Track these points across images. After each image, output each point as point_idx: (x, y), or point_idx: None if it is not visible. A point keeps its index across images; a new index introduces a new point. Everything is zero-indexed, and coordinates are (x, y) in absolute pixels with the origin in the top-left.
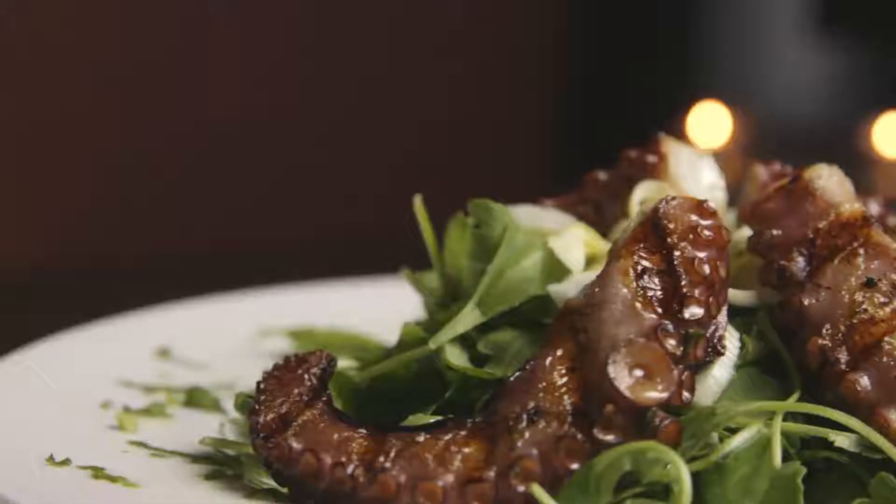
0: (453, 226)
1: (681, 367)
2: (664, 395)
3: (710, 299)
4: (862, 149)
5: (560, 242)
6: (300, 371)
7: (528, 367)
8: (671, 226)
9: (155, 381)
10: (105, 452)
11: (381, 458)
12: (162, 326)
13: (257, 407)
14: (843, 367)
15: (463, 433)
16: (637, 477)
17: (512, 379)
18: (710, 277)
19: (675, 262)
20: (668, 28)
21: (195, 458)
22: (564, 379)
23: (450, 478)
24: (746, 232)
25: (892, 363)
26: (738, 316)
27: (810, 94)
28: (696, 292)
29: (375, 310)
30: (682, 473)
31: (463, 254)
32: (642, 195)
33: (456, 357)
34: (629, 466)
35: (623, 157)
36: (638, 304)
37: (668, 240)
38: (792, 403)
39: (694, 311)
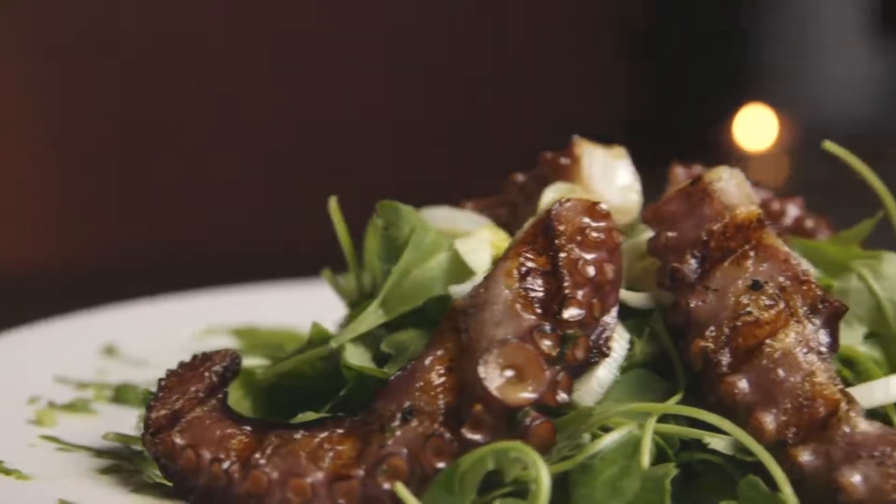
0: (370, 227)
1: (556, 367)
2: (534, 395)
3: (595, 301)
4: None
5: (466, 244)
6: (202, 369)
7: (408, 366)
8: (561, 227)
9: (91, 377)
10: (11, 446)
11: (258, 455)
12: (110, 325)
13: (152, 403)
14: (725, 369)
15: (339, 431)
16: (502, 477)
17: (392, 378)
18: (596, 279)
19: (560, 264)
20: (718, 32)
21: (100, 453)
22: (442, 379)
23: (319, 475)
24: (651, 234)
25: (771, 366)
26: (634, 317)
27: (860, 97)
28: (579, 294)
29: (326, 310)
30: (541, 473)
31: (375, 255)
32: (552, 197)
33: (356, 356)
34: (492, 466)
35: (540, 159)
36: (518, 306)
37: (556, 241)
38: (666, 405)
39: (573, 313)
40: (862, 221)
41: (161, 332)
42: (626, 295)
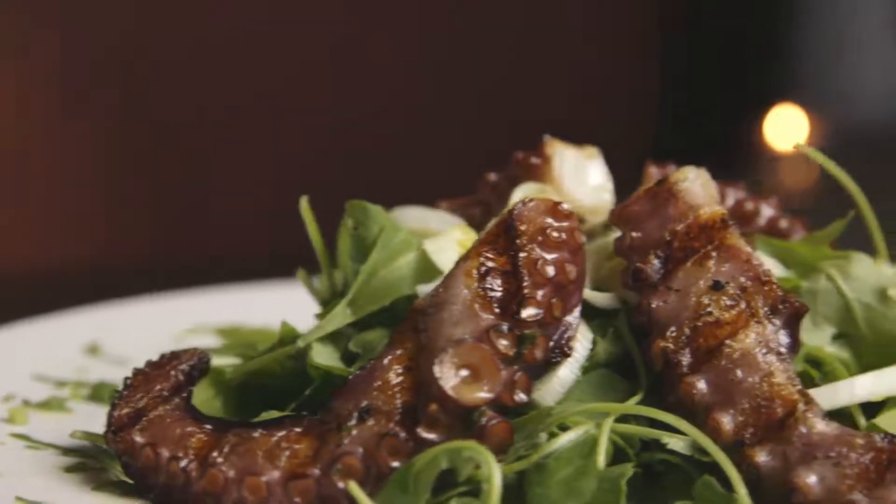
0: (342, 227)
1: (514, 367)
2: (490, 395)
3: (555, 301)
4: None
5: (435, 244)
6: (168, 368)
7: (368, 365)
8: (522, 227)
9: (72, 376)
10: None
11: (215, 454)
12: (96, 324)
13: (116, 401)
14: (685, 369)
15: (297, 430)
16: (456, 476)
17: (351, 377)
18: (557, 279)
19: (520, 264)
20: (750, 31)
21: (68, 451)
22: (399, 378)
23: (276, 474)
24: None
25: (729, 366)
26: (599, 318)
27: (892, 98)
28: (539, 294)
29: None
30: (493, 473)
31: (345, 254)
32: (522, 196)
33: (323, 355)
34: (446, 465)
35: (513, 159)
36: (476, 305)
37: (517, 241)
38: (624, 405)
39: (531, 312)
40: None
41: (146, 331)
42: (590, 295)
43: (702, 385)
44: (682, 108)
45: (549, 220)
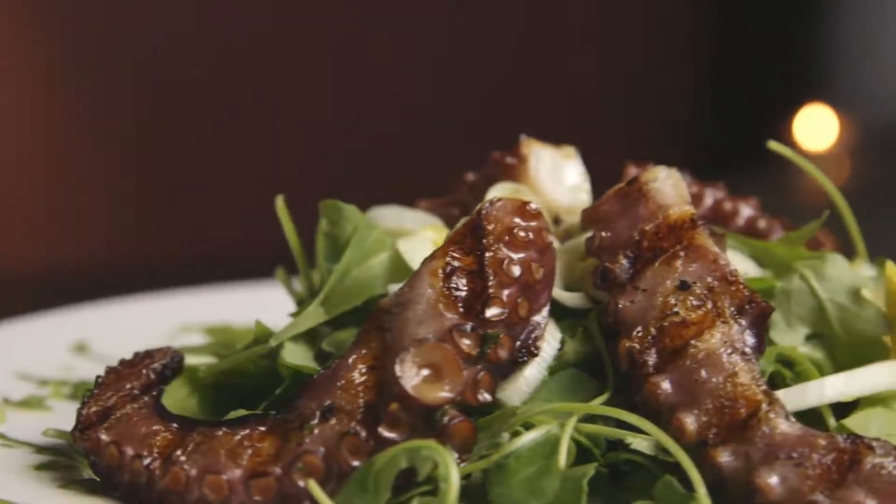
0: (320, 226)
1: (478, 367)
2: (451, 394)
3: (521, 300)
4: None
5: (408, 243)
6: (140, 366)
7: (333, 364)
8: (490, 227)
9: (56, 374)
10: None
11: (179, 452)
12: (85, 322)
13: (86, 399)
14: (650, 369)
15: (261, 429)
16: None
17: (316, 376)
18: (523, 279)
19: (486, 263)
20: (778, 32)
21: (41, 449)
22: (363, 377)
23: (237, 472)
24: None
25: (694, 367)
26: (570, 317)
27: None
28: (504, 293)
29: None
30: (451, 472)
31: (321, 254)
32: (494, 196)
33: (295, 354)
34: (406, 464)
35: (490, 159)
36: (441, 305)
37: (484, 241)
38: (587, 405)
39: (495, 312)
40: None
41: (136, 330)
42: (560, 295)
43: (666, 385)
44: (712, 110)
45: (517, 220)
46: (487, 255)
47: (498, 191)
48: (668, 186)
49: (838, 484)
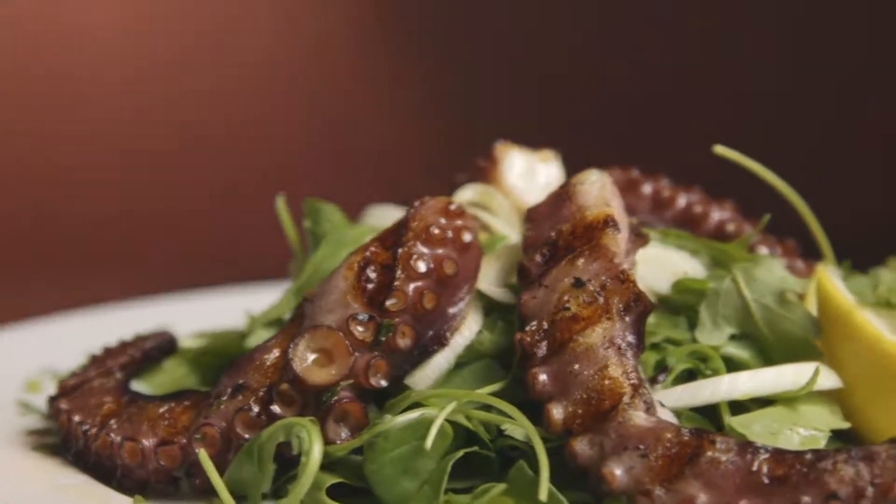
0: (304, 223)
1: (373, 353)
2: (337, 377)
3: (427, 293)
4: None
5: None
6: (129, 346)
7: (257, 347)
8: (413, 224)
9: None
10: None
11: (113, 421)
12: (116, 323)
13: (75, 371)
14: (537, 361)
15: (186, 403)
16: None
17: (240, 357)
18: (435, 274)
19: (397, 258)
20: None
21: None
22: (275, 360)
23: (153, 440)
24: None
25: (571, 360)
26: (499, 312)
27: None
28: (410, 287)
29: None
30: (313, 447)
31: (298, 248)
32: (466, 197)
33: (259, 339)
34: (283, 438)
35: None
36: (349, 296)
37: (402, 237)
38: (467, 392)
39: (393, 303)
40: None
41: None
42: (488, 290)
43: (544, 377)
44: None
45: (440, 219)
46: (401, 250)
47: (467, 191)
48: (595, 189)
49: (677, 476)
